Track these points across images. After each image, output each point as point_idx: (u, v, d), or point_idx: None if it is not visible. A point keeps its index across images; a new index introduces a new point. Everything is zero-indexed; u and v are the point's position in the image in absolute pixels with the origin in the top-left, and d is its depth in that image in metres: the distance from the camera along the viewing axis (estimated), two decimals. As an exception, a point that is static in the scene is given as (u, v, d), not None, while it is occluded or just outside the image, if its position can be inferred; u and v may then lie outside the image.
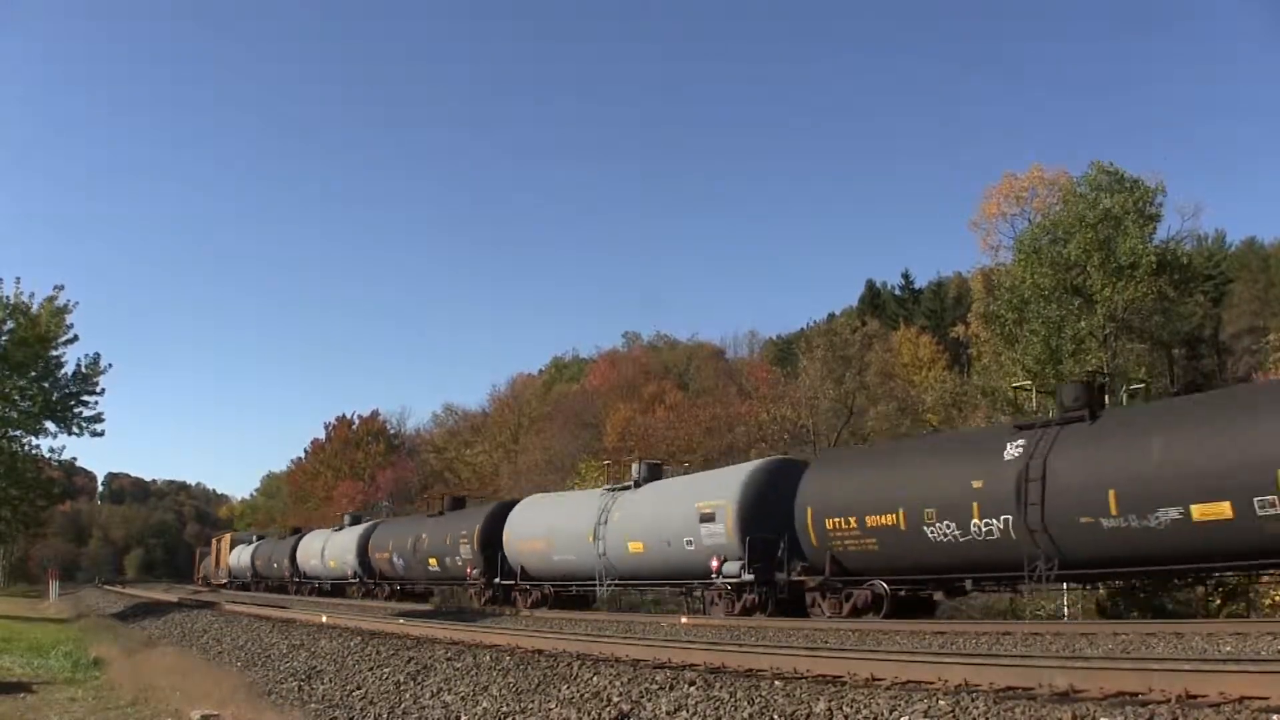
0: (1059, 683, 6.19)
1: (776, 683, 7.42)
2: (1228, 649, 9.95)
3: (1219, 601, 19.29)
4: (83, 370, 29.10)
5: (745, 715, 6.71)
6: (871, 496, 18.13)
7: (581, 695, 8.01)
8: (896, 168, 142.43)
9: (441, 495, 40.73)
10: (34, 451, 29.84)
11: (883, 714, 6.18)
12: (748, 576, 20.07)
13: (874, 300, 67.12)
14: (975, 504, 16.19)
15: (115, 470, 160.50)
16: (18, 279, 27.98)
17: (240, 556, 58.64)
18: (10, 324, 27.39)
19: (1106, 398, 30.15)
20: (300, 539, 49.11)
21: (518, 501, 31.25)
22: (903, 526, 17.27)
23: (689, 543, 21.68)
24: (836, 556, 18.60)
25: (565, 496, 30.99)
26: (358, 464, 78.82)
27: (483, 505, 33.96)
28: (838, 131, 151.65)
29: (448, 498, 38.56)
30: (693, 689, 7.54)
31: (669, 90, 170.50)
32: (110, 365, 29.56)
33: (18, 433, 29.08)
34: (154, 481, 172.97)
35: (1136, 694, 5.79)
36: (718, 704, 7.03)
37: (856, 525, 18.15)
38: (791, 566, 19.56)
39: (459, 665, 10.27)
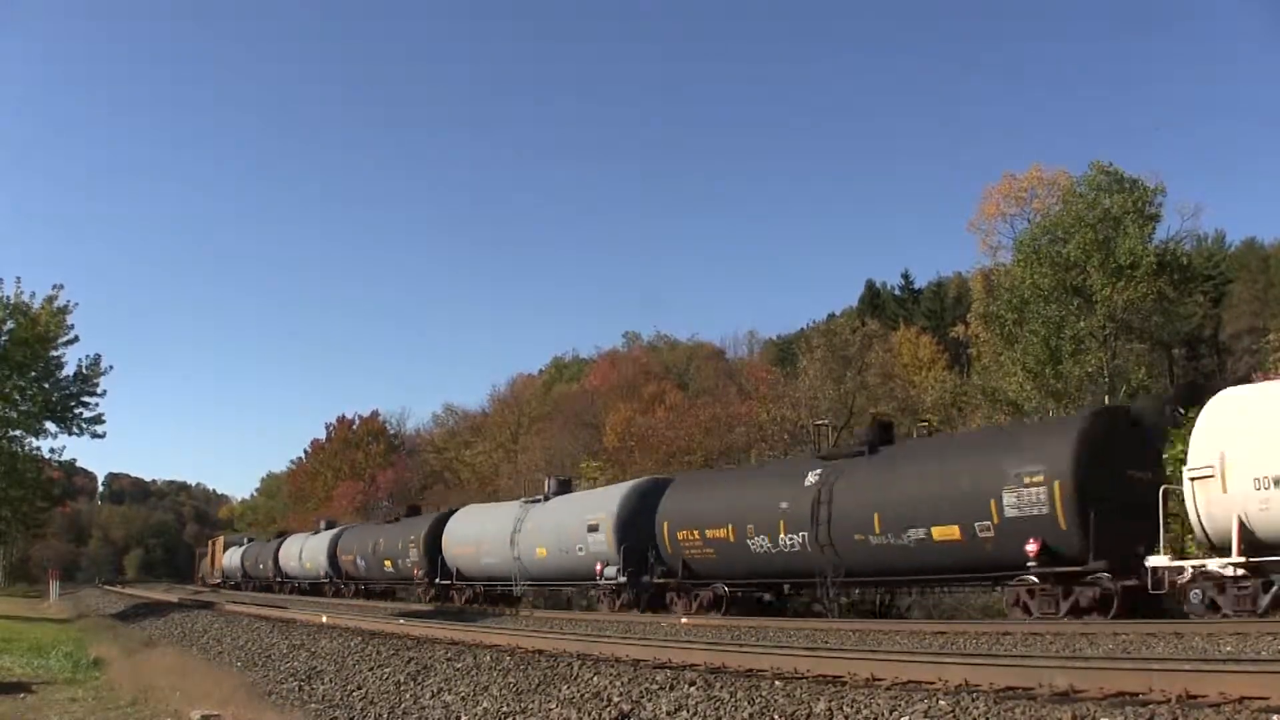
0: (1059, 683, 6.19)
1: (777, 683, 7.42)
2: (1228, 649, 9.95)
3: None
4: (83, 371, 29.13)
5: (745, 715, 6.71)
6: (710, 513, 21.55)
7: (582, 695, 8.01)
8: (896, 168, 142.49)
9: (398, 505, 45.82)
10: (34, 452, 29.88)
11: (883, 714, 6.18)
12: (622, 579, 23.54)
13: (874, 300, 67.13)
14: (782, 521, 19.37)
15: (115, 470, 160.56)
16: (18, 279, 28.03)
17: (232, 558, 61.29)
18: (10, 324, 27.38)
19: (1106, 398, 30.32)
20: (282, 542, 51.95)
21: (455, 511, 34.92)
22: (731, 539, 20.70)
23: (580, 550, 25.24)
24: (687, 562, 22.16)
25: (492, 507, 33.79)
26: (358, 464, 78.85)
27: (428, 515, 37.54)
28: (838, 131, 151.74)
29: (407, 506, 43.76)
30: (693, 689, 7.54)
31: (669, 90, 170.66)
32: (111, 367, 29.61)
33: (18, 433, 29.09)
34: (154, 481, 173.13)
35: (1136, 694, 5.79)
36: (718, 704, 7.03)
37: (699, 537, 21.63)
38: (655, 571, 22.92)
39: (459, 665, 10.27)
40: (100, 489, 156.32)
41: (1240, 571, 13.15)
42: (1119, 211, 31.27)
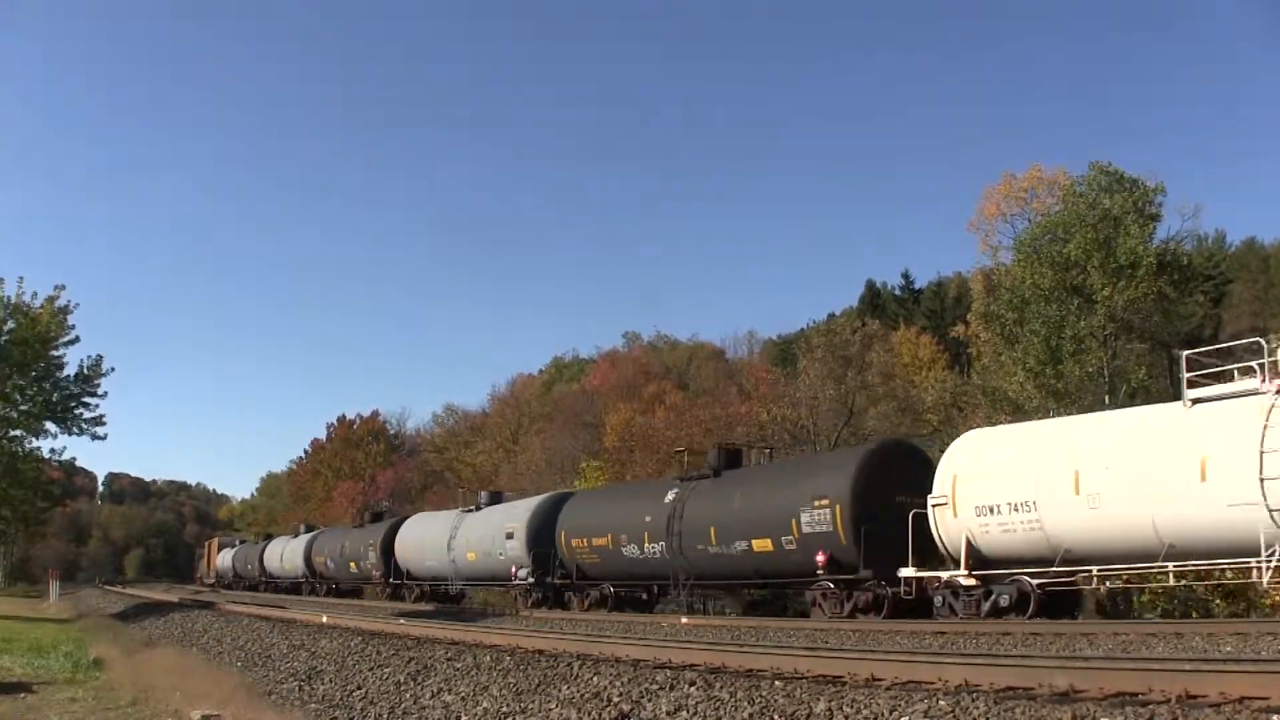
0: (1059, 683, 6.19)
1: (776, 683, 7.41)
2: (1228, 649, 9.95)
3: (1218, 601, 19.31)
4: (84, 371, 29.08)
5: (745, 715, 6.71)
6: (596, 525, 25.40)
7: (582, 695, 8.01)
8: (896, 168, 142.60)
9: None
10: (34, 452, 29.87)
11: (883, 714, 6.18)
12: (531, 580, 27.27)
13: (874, 300, 67.08)
14: (646, 533, 23.15)
15: (115, 470, 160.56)
16: (20, 279, 28.00)
17: (225, 559, 65.06)
18: (11, 324, 27.35)
19: (1107, 398, 30.30)
20: (266, 545, 56.45)
21: (408, 518, 39.42)
22: (610, 546, 24.52)
23: (500, 554, 28.94)
24: (580, 566, 25.91)
25: (434, 515, 37.84)
26: (358, 464, 78.86)
27: (386, 521, 41.12)
28: (838, 131, 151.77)
29: (368, 512, 48.95)
30: (693, 689, 7.54)
31: (669, 90, 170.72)
32: (113, 368, 29.56)
33: (18, 433, 29.06)
34: (154, 481, 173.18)
35: (1136, 694, 5.79)
36: (718, 704, 7.03)
37: (588, 545, 25.39)
38: (556, 573, 26.62)
39: (459, 665, 10.27)
40: (100, 489, 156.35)
41: (971, 581, 16.35)
42: (1119, 211, 31.22)
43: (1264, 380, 14.16)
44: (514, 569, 27.89)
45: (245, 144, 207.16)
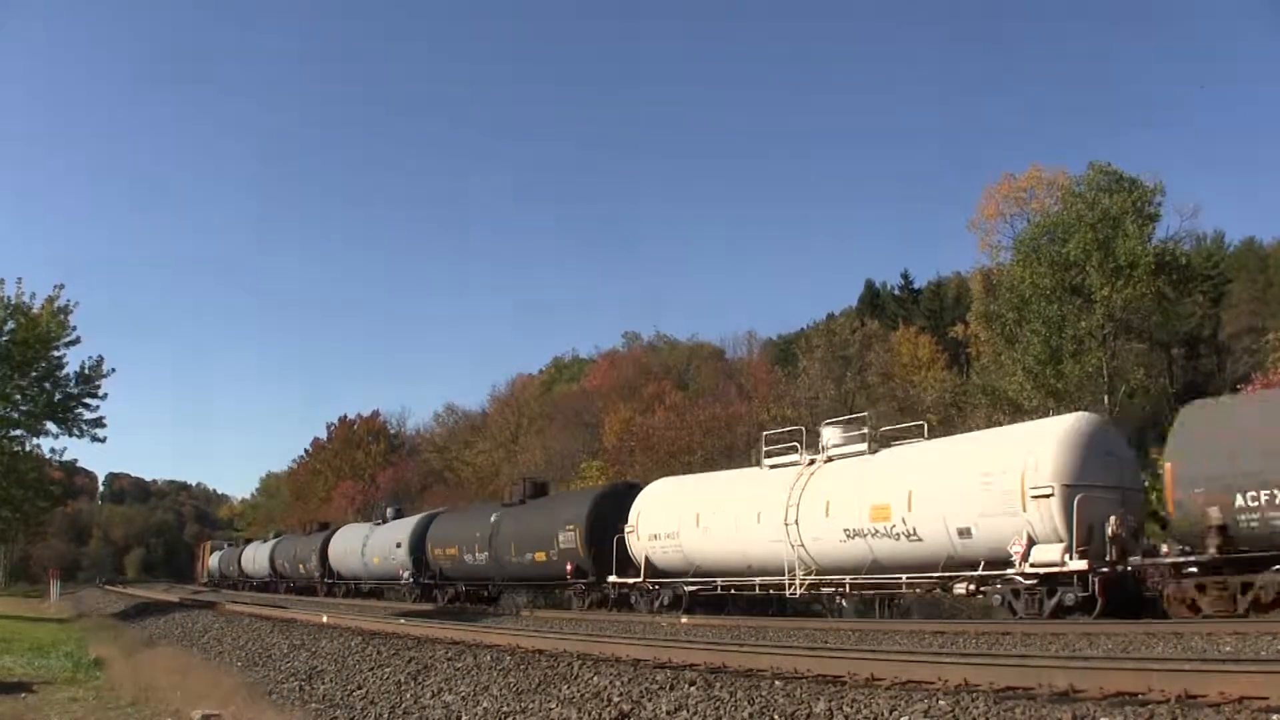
0: (1059, 682, 6.20)
1: (777, 683, 7.42)
2: (1227, 649, 9.95)
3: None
4: (85, 372, 29.03)
5: (745, 715, 6.72)
6: (449, 537, 31.94)
7: (582, 695, 8.02)
8: (896, 168, 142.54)
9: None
10: (35, 451, 29.83)
11: (883, 714, 6.18)
12: (410, 579, 33.77)
13: (873, 300, 67.11)
14: (477, 544, 29.56)
15: (115, 470, 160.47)
16: (19, 279, 27.95)
17: (213, 561, 70.28)
18: (11, 324, 27.32)
19: (1106, 397, 30.32)
20: (243, 549, 63.68)
21: (340, 527, 46.13)
22: (459, 554, 30.85)
23: (392, 559, 35.46)
24: (441, 569, 32.05)
25: (357, 526, 44.13)
26: (358, 464, 78.87)
27: (323, 533, 46.97)
28: (838, 131, 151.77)
29: (316, 523, 54.73)
30: (693, 689, 7.55)
31: (669, 90, 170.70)
32: (114, 369, 29.48)
33: (19, 433, 29.04)
34: (154, 481, 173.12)
35: (1136, 694, 5.80)
36: (718, 704, 7.03)
37: (444, 553, 31.81)
38: (426, 574, 32.84)
39: (459, 665, 10.28)
40: (101, 489, 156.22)
41: (651, 585, 22.83)
42: (1118, 211, 31.26)
43: (800, 454, 20.60)
44: (400, 570, 34.57)
45: (246, 144, 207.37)
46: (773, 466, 21.14)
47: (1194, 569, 13.95)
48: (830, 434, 20.67)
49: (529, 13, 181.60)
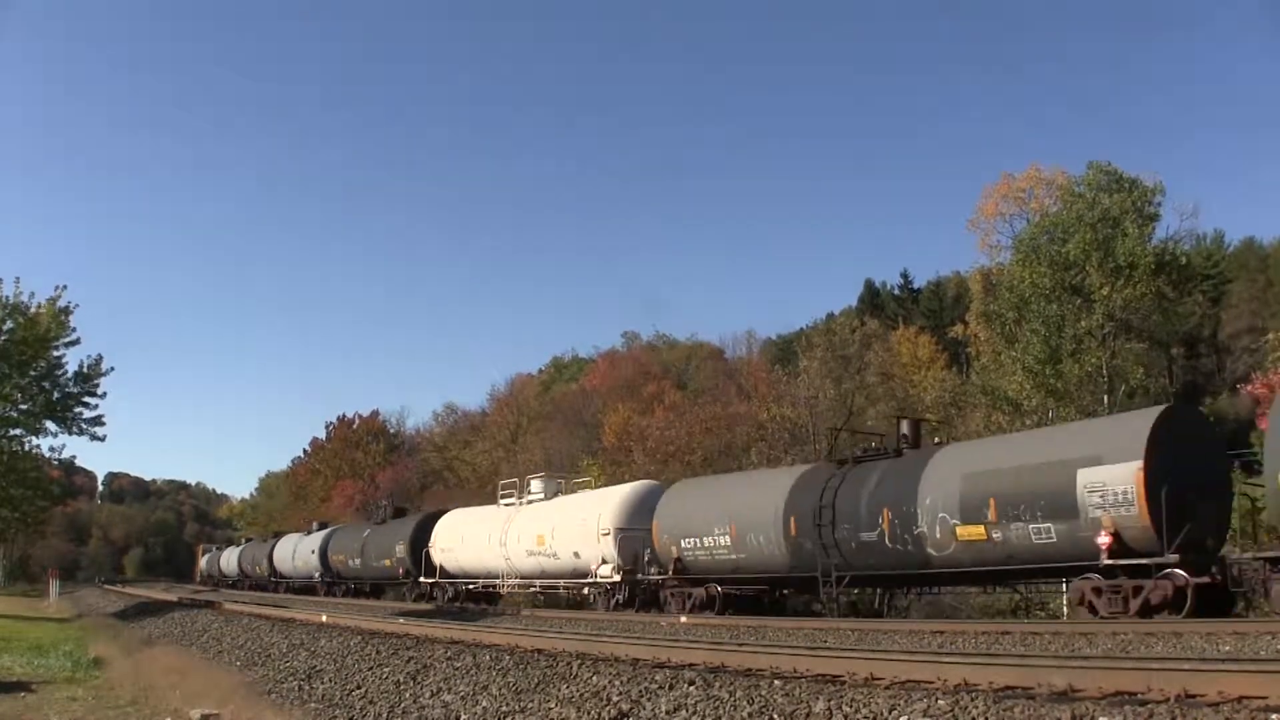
0: (1058, 682, 6.19)
1: (776, 682, 7.41)
2: (1227, 648, 9.95)
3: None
4: (84, 371, 29.04)
5: (745, 714, 6.71)
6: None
7: (581, 694, 8.01)
8: (896, 167, 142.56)
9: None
10: (34, 450, 29.84)
11: (882, 713, 6.18)
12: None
13: (873, 300, 67.10)
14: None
15: (115, 470, 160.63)
16: (17, 279, 27.95)
17: (204, 563, 78.22)
18: (10, 324, 27.32)
19: (1105, 397, 30.30)
20: (221, 552, 72.25)
21: (284, 535, 54.70)
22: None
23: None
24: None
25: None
26: (357, 464, 78.82)
27: (278, 536, 55.03)
28: (837, 131, 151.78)
29: (274, 531, 62.97)
30: (692, 688, 7.54)
31: (669, 90, 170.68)
32: (112, 368, 29.50)
33: (18, 432, 29.05)
34: (154, 481, 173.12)
35: (1135, 693, 5.79)
36: (717, 703, 7.03)
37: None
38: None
39: (459, 665, 10.27)
40: (100, 488, 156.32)
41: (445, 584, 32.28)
42: (1118, 211, 31.24)
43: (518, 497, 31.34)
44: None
45: (245, 144, 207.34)
46: (505, 504, 31.90)
47: None
48: (534, 484, 31.21)
49: (528, 13, 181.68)
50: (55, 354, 28.46)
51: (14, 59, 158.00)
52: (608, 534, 25.08)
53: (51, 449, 30.10)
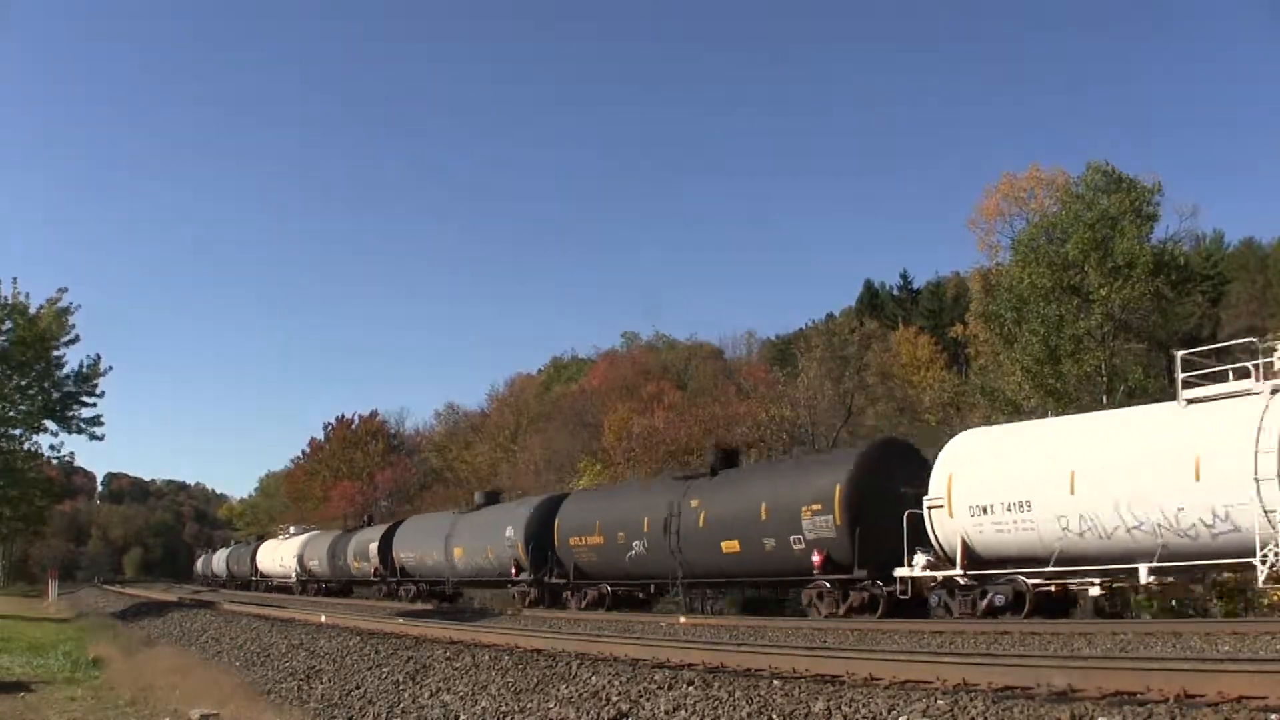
0: (1057, 682, 6.19)
1: (775, 682, 7.41)
2: (1225, 648, 9.96)
3: (1216, 600, 19.36)
4: (83, 371, 29.03)
5: (744, 715, 6.71)
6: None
7: (580, 694, 8.01)
8: (895, 168, 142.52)
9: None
10: (33, 449, 29.83)
11: (881, 713, 6.18)
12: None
13: (872, 300, 67.02)
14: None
15: (114, 470, 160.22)
16: (14, 279, 27.95)
17: (199, 564, 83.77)
18: (9, 324, 27.32)
19: (1104, 397, 30.31)
20: (214, 554, 77.37)
21: (268, 538, 58.87)
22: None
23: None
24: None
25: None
26: (356, 464, 78.74)
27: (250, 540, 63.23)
28: (837, 131, 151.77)
29: (257, 535, 68.91)
30: (691, 688, 7.54)
31: (668, 90, 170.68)
32: (111, 368, 29.50)
33: (18, 432, 29.05)
34: (153, 481, 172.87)
35: (1134, 693, 5.79)
36: (716, 703, 7.03)
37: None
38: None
39: (458, 665, 10.26)
40: (99, 489, 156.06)
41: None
42: (1116, 211, 31.25)
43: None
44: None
45: (245, 144, 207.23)
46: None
47: None
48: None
49: (528, 13, 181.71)
50: (55, 354, 28.47)
51: (14, 59, 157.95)
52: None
53: (51, 448, 30.12)
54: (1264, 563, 12.74)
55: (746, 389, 48.52)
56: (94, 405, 29.25)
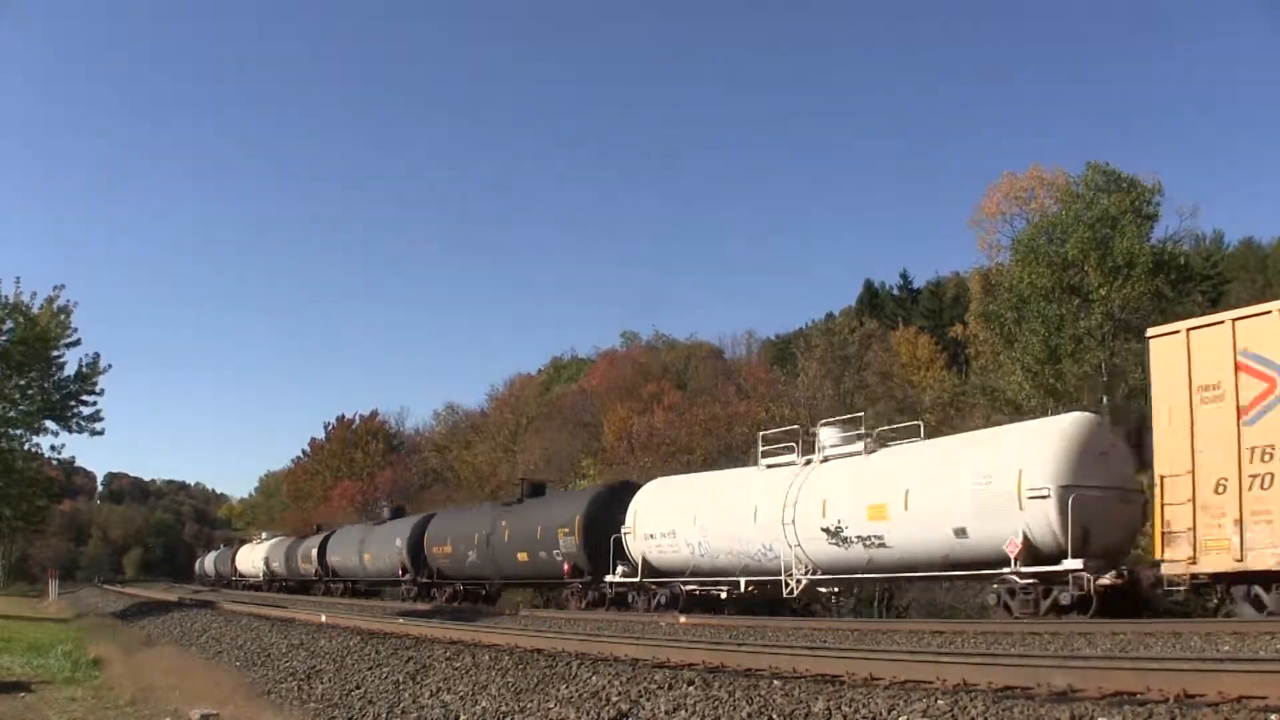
0: (1057, 682, 6.19)
1: (775, 682, 7.41)
2: (1226, 648, 9.95)
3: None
4: (83, 370, 29.03)
5: (744, 715, 6.71)
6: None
7: (580, 694, 8.01)
8: (895, 167, 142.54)
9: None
10: (33, 450, 29.82)
11: (881, 713, 6.18)
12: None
13: (872, 300, 67.03)
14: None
15: (115, 470, 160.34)
16: (17, 279, 27.92)
17: (198, 565, 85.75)
18: (10, 324, 27.30)
19: (1104, 397, 30.33)
20: (208, 556, 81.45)
21: (246, 543, 63.96)
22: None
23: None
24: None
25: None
26: (357, 464, 78.76)
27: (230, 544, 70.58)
28: (836, 131, 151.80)
29: (238, 539, 76.36)
30: (691, 688, 7.54)
31: (668, 89, 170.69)
32: (110, 366, 29.49)
33: (18, 432, 29.03)
34: (153, 481, 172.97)
35: (1135, 693, 5.79)
36: (716, 703, 7.03)
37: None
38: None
39: (458, 665, 10.26)
40: (100, 488, 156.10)
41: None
42: (1116, 211, 31.28)
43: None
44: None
45: (244, 144, 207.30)
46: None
47: None
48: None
49: (526, 11, 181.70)
50: (54, 354, 28.44)
51: (14, 59, 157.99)
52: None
53: (52, 448, 30.11)
54: (789, 580, 19.20)
55: (746, 389, 48.55)
56: (94, 405, 29.29)
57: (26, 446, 29.59)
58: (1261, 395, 12.92)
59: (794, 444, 20.73)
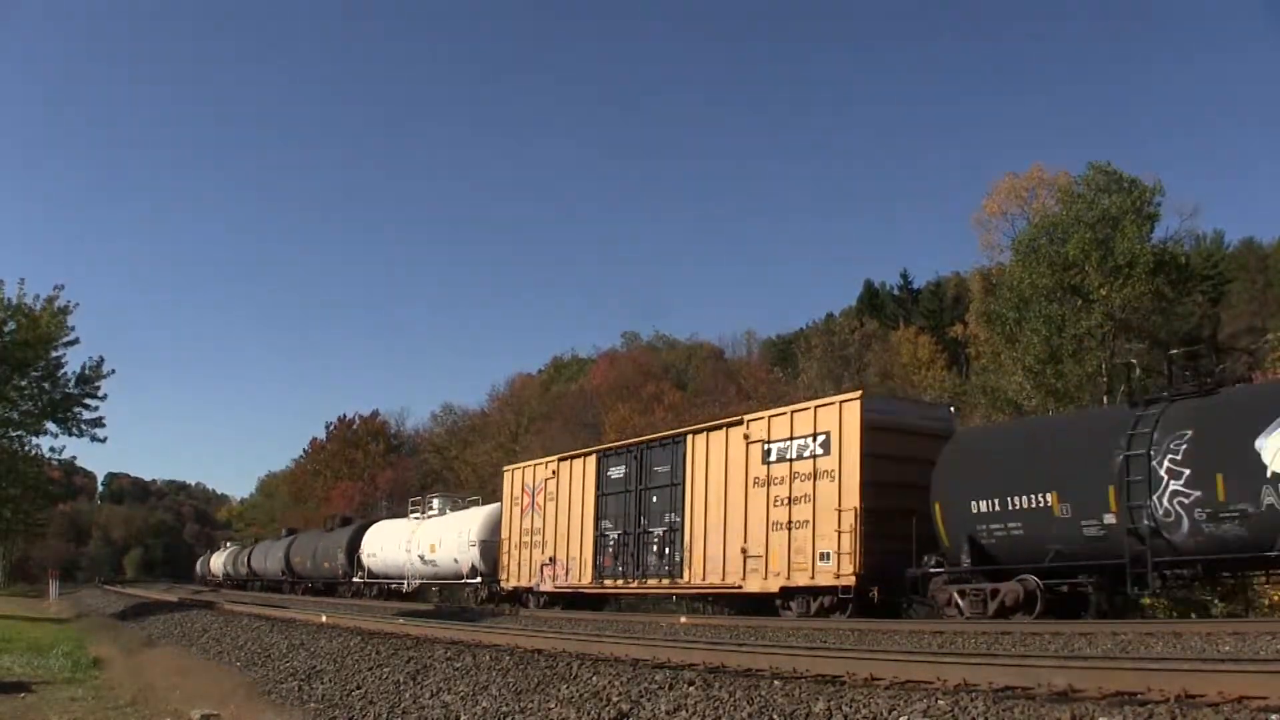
0: (1058, 682, 6.18)
1: (775, 682, 7.41)
2: (1226, 648, 9.95)
3: (1217, 600, 19.36)
4: (85, 373, 28.98)
5: (745, 715, 6.71)
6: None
7: (581, 695, 8.01)
8: (895, 167, 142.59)
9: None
10: (34, 451, 29.79)
11: (881, 713, 6.18)
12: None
13: (872, 300, 67.03)
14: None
15: (115, 470, 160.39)
16: (21, 280, 27.88)
17: (198, 566, 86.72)
18: (11, 324, 27.28)
19: (1105, 397, 30.31)
20: (205, 557, 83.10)
21: (226, 548, 68.71)
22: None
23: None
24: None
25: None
26: (357, 464, 78.78)
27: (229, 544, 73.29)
28: (836, 131, 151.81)
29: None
30: (692, 688, 7.54)
31: (668, 89, 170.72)
32: (113, 370, 29.42)
33: (19, 433, 29.00)
34: (154, 481, 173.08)
35: (1135, 693, 5.78)
36: (717, 703, 7.03)
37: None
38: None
39: (459, 665, 10.26)
40: (100, 489, 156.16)
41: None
42: (1117, 211, 31.26)
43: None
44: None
45: (244, 145, 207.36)
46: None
47: None
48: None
49: (527, 12, 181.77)
50: (55, 354, 28.42)
51: (14, 59, 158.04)
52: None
53: (52, 449, 30.08)
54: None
55: (746, 389, 48.57)
56: (96, 408, 29.24)
57: (27, 448, 29.58)
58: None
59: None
